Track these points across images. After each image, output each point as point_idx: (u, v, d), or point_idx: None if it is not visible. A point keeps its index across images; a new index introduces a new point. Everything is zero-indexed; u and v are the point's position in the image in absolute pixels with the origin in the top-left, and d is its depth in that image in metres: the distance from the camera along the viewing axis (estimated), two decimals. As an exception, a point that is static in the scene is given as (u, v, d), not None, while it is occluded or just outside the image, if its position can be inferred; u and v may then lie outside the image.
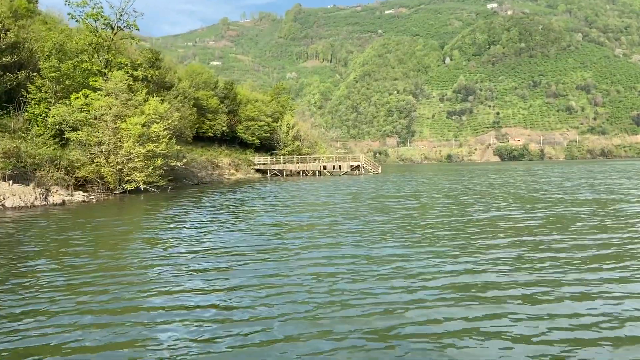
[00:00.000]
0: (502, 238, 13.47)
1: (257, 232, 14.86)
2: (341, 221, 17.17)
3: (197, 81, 62.21)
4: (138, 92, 33.14)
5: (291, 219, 18.04)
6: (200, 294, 8.57)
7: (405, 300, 8.01)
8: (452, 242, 12.94)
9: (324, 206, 22.24)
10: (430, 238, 13.56)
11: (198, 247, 12.83)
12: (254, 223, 16.96)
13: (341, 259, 11.11)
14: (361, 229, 15.33)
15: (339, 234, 14.37)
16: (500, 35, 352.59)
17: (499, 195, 26.92)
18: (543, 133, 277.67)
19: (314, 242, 13.14)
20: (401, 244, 12.80)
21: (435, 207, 20.67)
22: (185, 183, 40.32)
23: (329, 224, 16.52)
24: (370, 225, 16.21)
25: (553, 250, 11.71)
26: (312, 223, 16.75)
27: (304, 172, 67.16)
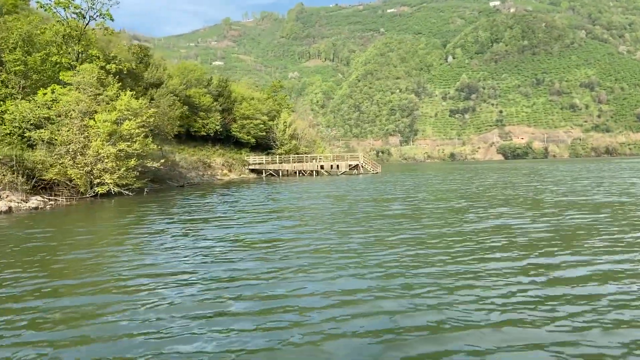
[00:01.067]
0: (497, 261, 10.49)
1: (189, 252, 12.28)
2: (301, 237, 14.21)
3: (189, 78, 60.18)
4: (110, 86, 30.72)
5: (245, 231, 15.50)
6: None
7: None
8: (425, 271, 9.68)
9: (296, 213, 19.85)
10: (397, 266, 10.21)
11: (104, 274, 10.11)
12: (196, 237, 14.43)
13: (239, 300, 8.15)
14: (318, 249, 12.35)
15: (284, 257, 11.38)
16: (503, 33, 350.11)
17: (501, 198, 24.84)
18: (547, 131, 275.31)
19: (243, 269, 10.33)
20: (351, 278, 9.39)
21: (424, 213, 18.61)
22: (169, 185, 38.18)
23: (280, 241, 13.53)
24: (332, 243, 12.95)
25: (566, 283, 8.66)
26: (263, 239, 14.03)
27: (301, 172, 65.13)
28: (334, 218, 17.87)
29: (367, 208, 20.64)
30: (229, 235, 14.53)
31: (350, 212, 19.63)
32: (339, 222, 16.81)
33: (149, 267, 10.58)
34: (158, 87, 50.81)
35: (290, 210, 20.51)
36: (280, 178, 59.44)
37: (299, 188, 37.31)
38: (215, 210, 21.09)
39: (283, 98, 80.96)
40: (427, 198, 24.80)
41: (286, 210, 20.60)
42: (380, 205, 21.65)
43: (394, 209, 20.14)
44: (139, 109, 29.91)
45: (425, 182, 41.06)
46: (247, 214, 19.69)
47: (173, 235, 14.82)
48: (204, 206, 22.75)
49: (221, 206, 22.69)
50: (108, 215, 21.19)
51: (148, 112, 30.61)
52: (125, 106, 28.83)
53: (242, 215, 18.95)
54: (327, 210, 20.29)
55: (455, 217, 17.41)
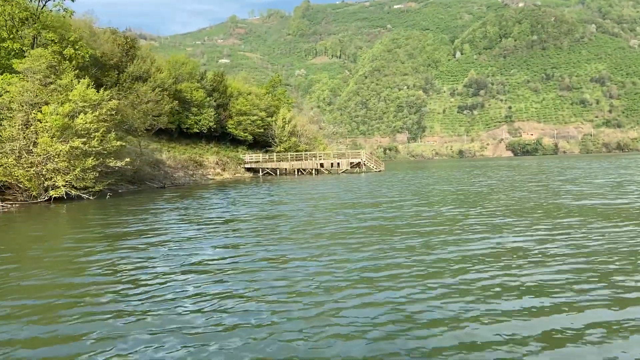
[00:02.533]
0: (493, 321, 6.55)
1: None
2: (220, 264, 10.45)
3: (181, 72, 57.23)
4: (64, 73, 27.53)
5: (164, 254, 11.69)
6: None
7: None
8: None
9: (250, 225, 16.29)
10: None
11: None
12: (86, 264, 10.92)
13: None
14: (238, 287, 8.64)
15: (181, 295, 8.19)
16: (511, 27, 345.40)
17: (508, 202, 20.88)
18: (557, 127, 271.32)
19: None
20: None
21: (410, 225, 15.01)
22: (149, 186, 35.27)
23: (187, 274, 9.63)
24: (271, 278, 9.18)
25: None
26: (186, 263, 10.66)
27: (300, 171, 62.21)
28: (289, 233, 14.43)
29: (337, 217, 17.48)
30: (120, 262, 10.83)
31: (312, 223, 16.32)
32: (286, 241, 13.15)
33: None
34: (145, 81, 48.05)
35: (248, 222, 16.74)
36: (277, 177, 56.54)
37: (286, 188, 34.52)
38: (160, 220, 17.80)
39: (282, 93, 77.78)
40: (419, 203, 21.51)
41: (242, 222, 16.82)
42: (357, 213, 18.22)
43: (370, 218, 16.86)
44: (99, 100, 26.70)
45: (426, 182, 38.10)
46: (189, 224, 16.46)
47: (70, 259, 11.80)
48: (156, 215, 19.38)
49: (169, 214, 19.23)
50: (37, 226, 18.18)
51: (108, 105, 27.28)
52: (81, 97, 25.61)
53: (178, 229, 15.40)
54: (292, 221, 17.05)
55: (443, 236, 12.92)
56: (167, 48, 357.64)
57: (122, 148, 29.67)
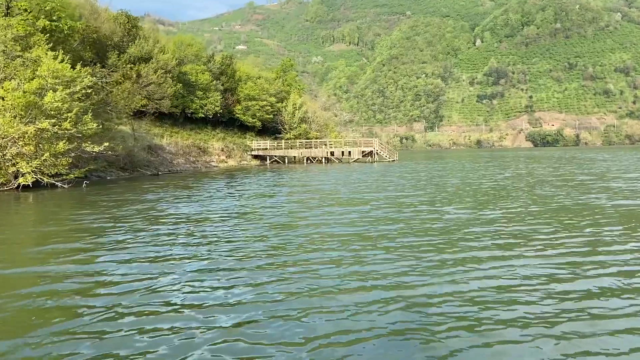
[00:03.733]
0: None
1: None
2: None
3: (186, 53, 54.79)
4: (36, 46, 25.00)
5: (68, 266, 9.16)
6: None
7: None
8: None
9: (215, 227, 13.36)
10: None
11: None
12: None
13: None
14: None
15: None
16: (534, 15, 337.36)
17: (528, 201, 17.51)
18: (579, 117, 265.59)
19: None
20: None
21: (403, 234, 11.70)
22: (142, 173, 32.96)
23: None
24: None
25: None
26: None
27: (310, 159, 59.78)
28: (239, 239, 11.96)
29: (314, 220, 14.10)
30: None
31: (277, 226, 13.81)
32: (221, 249, 10.40)
33: None
34: (147, 62, 45.82)
35: (207, 223, 13.85)
36: (286, 165, 54.17)
37: (287, 178, 32.14)
38: (114, 216, 15.35)
39: (294, 78, 75.02)
40: (424, 201, 18.49)
41: (200, 222, 14.42)
42: (341, 213, 15.35)
43: (354, 224, 13.41)
44: (75, 77, 24.04)
45: (439, 174, 35.33)
46: (144, 223, 14.12)
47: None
48: (116, 208, 16.77)
49: (130, 208, 16.78)
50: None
51: (83, 82, 24.37)
52: (51, 73, 22.92)
53: (119, 231, 13.14)
54: (255, 222, 14.38)
55: (431, 255, 9.53)
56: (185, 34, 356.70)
57: (106, 132, 27.30)
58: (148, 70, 44.32)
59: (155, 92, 44.18)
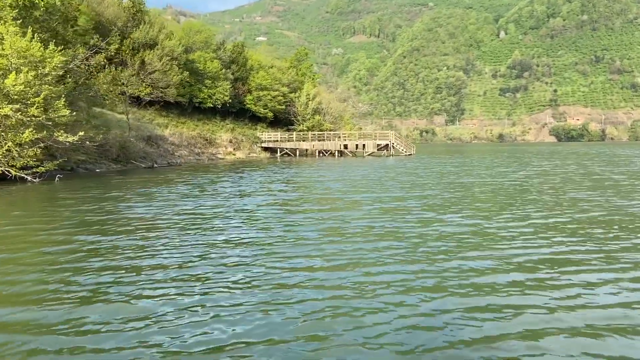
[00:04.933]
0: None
1: None
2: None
3: (194, 40, 52.68)
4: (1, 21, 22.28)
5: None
6: None
7: None
8: None
9: (157, 232, 11.35)
10: None
11: None
12: None
13: None
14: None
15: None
16: (560, 7, 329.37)
17: (555, 208, 14.60)
18: (605, 112, 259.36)
19: None
20: None
21: (374, 260, 8.89)
22: (136, 165, 30.83)
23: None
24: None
25: None
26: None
27: (322, 152, 57.56)
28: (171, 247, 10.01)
29: (278, 232, 11.42)
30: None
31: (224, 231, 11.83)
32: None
33: None
34: (152, 48, 43.95)
35: (152, 228, 11.96)
36: (297, 158, 52.03)
37: (287, 173, 29.96)
38: (60, 216, 13.61)
39: (308, 67, 72.54)
40: (424, 205, 15.60)
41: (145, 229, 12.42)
42: (317, 220, 13.35)
43: (321, 242, 10.47)
44: (46, 57, 21.40)
45: (456, 170, 32.67)
46: (82, 232, 12.09)
47: None
48: (67, 209, 14.97)
49: (81, 208, 15.05)
50: None
51: (52, 62, 21.52)
52: (16, 51, 20.47)
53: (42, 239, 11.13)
54: (203, 228, 12.38)
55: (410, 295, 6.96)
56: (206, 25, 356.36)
57: (91, 119, 25.27)
58: (152, 57, 42.46)
59: (160, 80, 42.31)
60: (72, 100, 23.42)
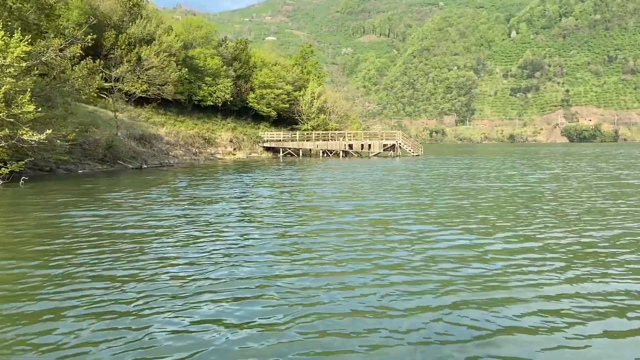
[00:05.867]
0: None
1: None
2: None
3: (194, 36, 51.01)
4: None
5: None
6: None
7: None
8: None
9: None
10: None
11: None
12: None
13: None
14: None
15: None
16: (573, 6, 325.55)
17: (579, 218, 12.66)
18: (618, 112, 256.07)
19: None
20: None
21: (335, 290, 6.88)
22: (123, 166, 28.91)
23: None
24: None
25: None
26: None
27: (326, 152, 55.79)
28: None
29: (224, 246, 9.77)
30: None
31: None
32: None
33: None
34: (149, 44, 42.40)
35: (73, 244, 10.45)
36: (300, 159, 50.27)
37: (280, 175, 27.92)
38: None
39: (314, 65, 70.63)
40: (416, 217, 13.20)
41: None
42: (278, 235, 11.67)
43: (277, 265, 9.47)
44: (10, 46, 19.27)
45: (462, 172, 30.35)
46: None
47: None
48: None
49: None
50: None
51: (15, 53, 19.21)
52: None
53: None
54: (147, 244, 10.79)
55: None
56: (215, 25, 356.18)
57: (70, 116, 23.44)
58: (149, 53, 40.91)
59: (157, 76, 40.76)
60: (47, 95, 21.69)
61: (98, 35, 38.15)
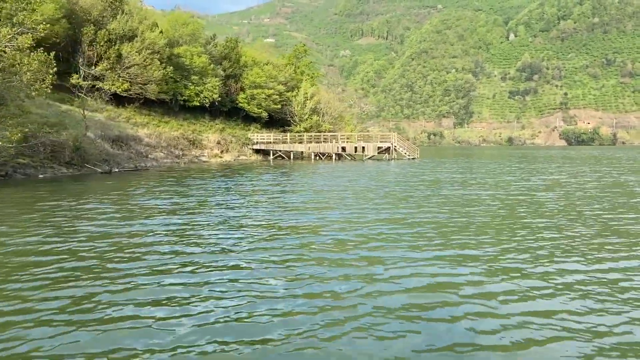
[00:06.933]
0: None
1: None
2: None
3: (180, 33, 49.07)
4: None
5: None
6: None
7: None
8: None
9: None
10: None
11: None
12: None
13: None
14: None
15: None
16: (571, 9, 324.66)
17: (583, 247, 10.02)
18: (616, 115, 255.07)
19: None
20: None
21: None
22: (92, 170, 26.72)
23: None
24: None
25: None
26: None
27: (318, 155, 53.96)
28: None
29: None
30: None
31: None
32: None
33: None
34: (131, 41, 40.58)
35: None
36: (291, 161, 48.43)
37: (259, 180, 26.01)
38: None
39: (307, 65, 68.69)
40: (400, 236, 11.09)
41: None
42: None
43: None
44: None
45: (458, 178, 28.27)
46: None
47: None
48: None
49: None
50: None
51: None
52: None
53: None
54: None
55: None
56: (214, 26, 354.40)
57: (26, 115, 21.57)
58: (131, 50, 39.11)
59: (140, 75, 38.96)
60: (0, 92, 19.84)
61: (77, 31, 36.43)
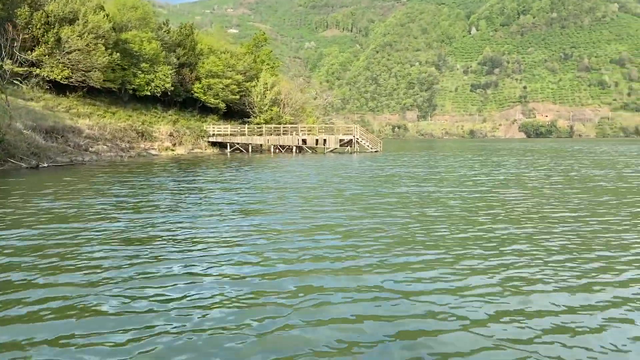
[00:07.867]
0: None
1: None
2: None
3: (129, 17, 46.42)
4: None
5: None
6: None
7: None
8: None
9: None
10: None
11: None
12: None
13: None
14: None
15: None
16: (530, 4, 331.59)
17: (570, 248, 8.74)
18: (573, 109, 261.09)
19: None
20: None
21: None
22: (16, 166, 24.18)
23: None
24: None
25: None
26: None
27: (279, 148, 52.36)
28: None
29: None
30: None
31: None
32: None
33: None
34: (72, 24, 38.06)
35: None
36: (249, 155, 46.73)
37: (194, 177, 23.50)
38: None
39: (267, 54, 66.80)
40: (329, 249, 8.71)
41: None
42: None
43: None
44: None
45: (420, 173, 27.01)
46: None
47: None
48: None
49: None
50: None
51: None
52: None
53: None
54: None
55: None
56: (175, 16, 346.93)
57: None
58: (72, 34, 36.70)
59: (82, 61, 36.63)
60: None
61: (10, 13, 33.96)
